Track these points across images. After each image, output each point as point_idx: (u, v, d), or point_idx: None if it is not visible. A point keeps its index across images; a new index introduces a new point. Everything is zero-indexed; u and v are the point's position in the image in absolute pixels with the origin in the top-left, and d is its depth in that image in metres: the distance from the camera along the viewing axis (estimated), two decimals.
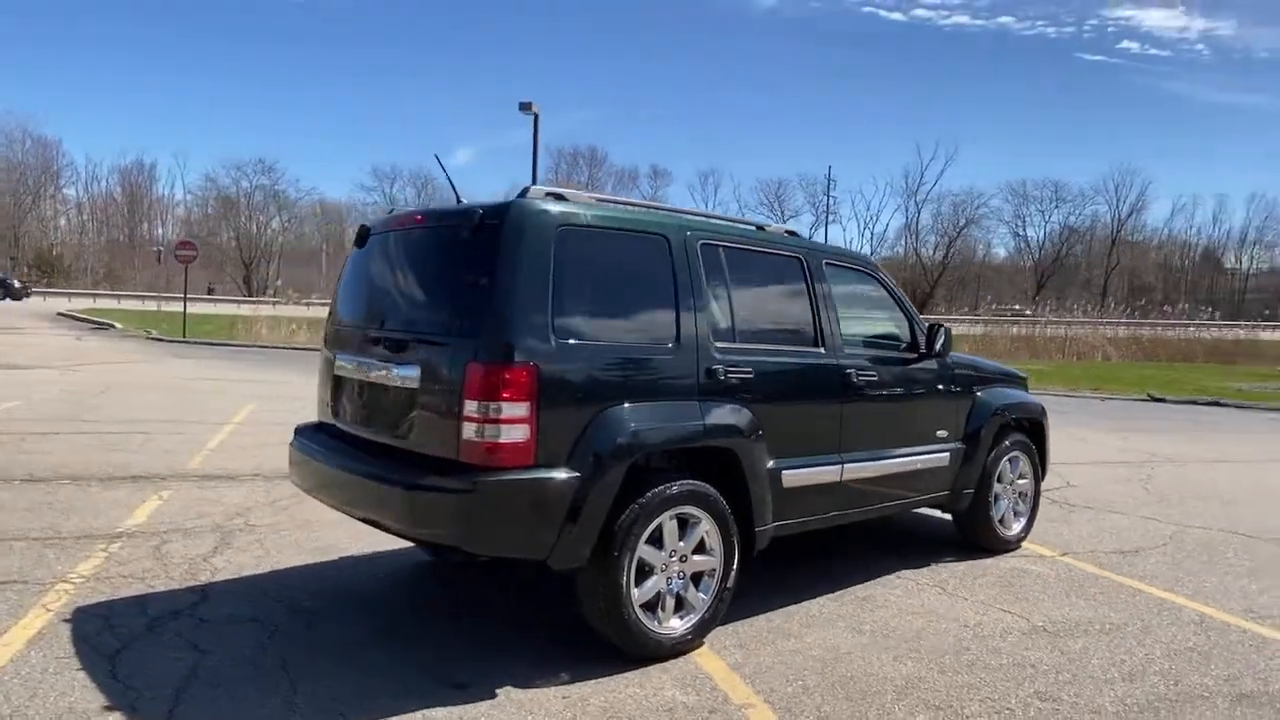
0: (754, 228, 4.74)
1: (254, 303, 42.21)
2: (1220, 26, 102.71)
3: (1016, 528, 5.91)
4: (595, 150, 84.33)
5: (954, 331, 5.48)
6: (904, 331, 5.27)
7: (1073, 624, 4.48)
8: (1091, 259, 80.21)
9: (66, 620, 4.07)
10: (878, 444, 4.85)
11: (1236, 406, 16.87)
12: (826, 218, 79.40)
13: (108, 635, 3.92)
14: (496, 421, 3.39)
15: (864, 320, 5.09)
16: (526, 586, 4.93)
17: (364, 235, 4.41)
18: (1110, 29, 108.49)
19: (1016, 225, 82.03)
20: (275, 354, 22.77)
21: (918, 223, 79.75)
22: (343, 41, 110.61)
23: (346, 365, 4.17)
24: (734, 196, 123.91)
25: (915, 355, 5.20)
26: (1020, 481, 5.92)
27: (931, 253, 77.23)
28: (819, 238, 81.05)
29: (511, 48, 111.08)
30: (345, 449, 4.05)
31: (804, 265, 4.67)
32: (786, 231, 4.89)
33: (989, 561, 5.61)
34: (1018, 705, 3.54)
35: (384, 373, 3.86)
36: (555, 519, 3.47)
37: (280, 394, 13.11)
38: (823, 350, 4.60)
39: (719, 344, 4.07)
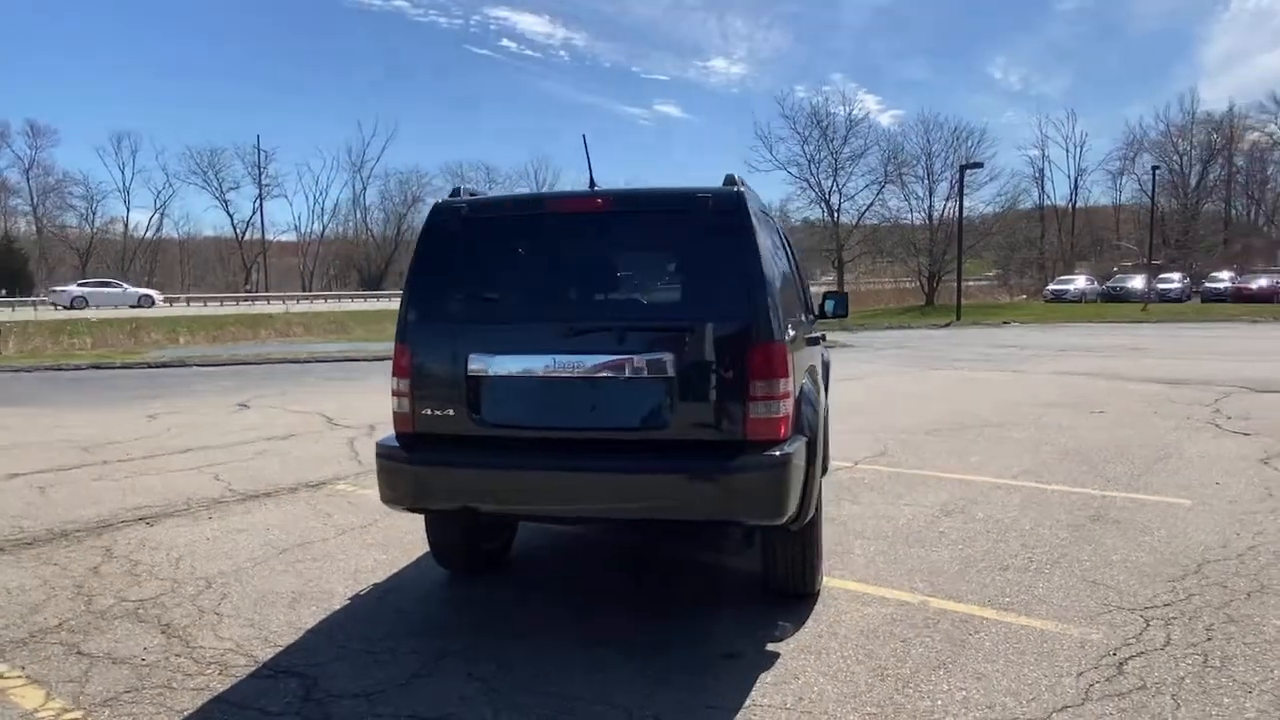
0: None
1: None
2: (576, 37, 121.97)
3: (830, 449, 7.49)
4: None
5: None
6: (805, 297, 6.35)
7: (953, 504, 6.14)
8: None
9: None
10: (822, 394, 5.89)
11: None
12: (260, 190, 74.70)
13: None
14: (775, 398, 3.59)
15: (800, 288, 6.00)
16: (582, 583, 4.89)
17: (469, 220, 3.88)
18: (493, 26, 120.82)
19: None
20: None
21: (365, 199, 79.89)
22: None
23: (518, 363, 3.71)
24: (158, 163, 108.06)
25: (813, 317, 6.33)
26: None
27: (382, 229, 78.09)
28: (261, 212, 75.92)
29: None
30: (546, 452, 3.66)
31: (785, 241, 5.43)
32: None
33: (829, 478, 7.07)
34: (1023, 550, 4.99)
35: (615, 365, 3.61)
36: (804, 480, 3.80)
37: None
38: (805, 316, 5.45)
39: (806, 315, 4.67)
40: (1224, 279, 47.47)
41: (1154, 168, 52.14)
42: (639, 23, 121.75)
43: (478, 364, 3.77)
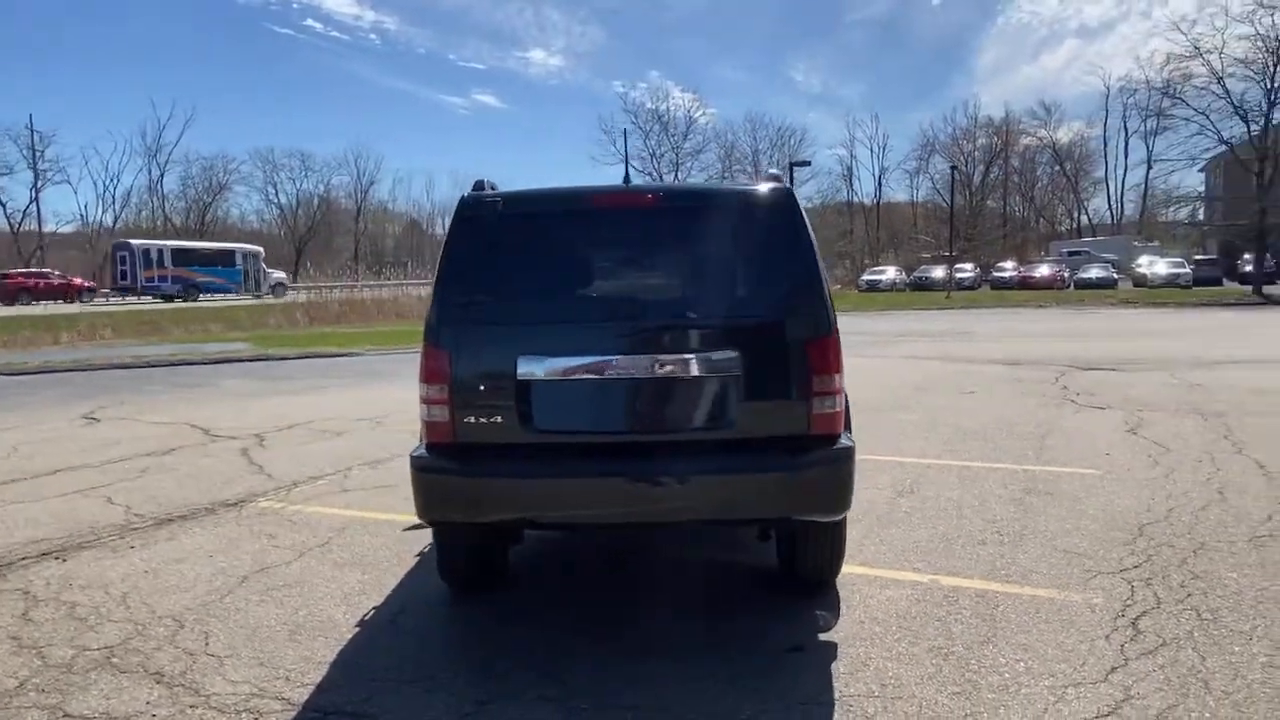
0: None
1: None
2: (386, 20, 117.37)
3: None
4: None
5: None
6: None
7: (900, 485, 6.47)
8: (339, 227, 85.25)
9: None
10: None
11: None
12: (37, 176, 66.77)
13: None
14: (834, 392, 3.65)
15: None
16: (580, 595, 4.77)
17: (508, 215, 3.65)
18: (295, 5, 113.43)
19: (269, 193, 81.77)
20: None
21: (163, 186, 73.14)
22: None
23: (574, 365, 3.54)
24: None
25: None
26: None
27: (185, 219, 71.72)
28: (38, 201, 67.95)
29: None
30: (608, 458, 3.54)
31: None
32: None
33: None
34: (988, 525, 5.35)
35: (680, 363, 3.52)
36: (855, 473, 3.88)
37: None
38: None
39: None
40: (1008, 268, 52.81)
41: (953, 168, 56.97)
42: (453, 9, 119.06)
43: (529, 367, 3.57)
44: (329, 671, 3.60)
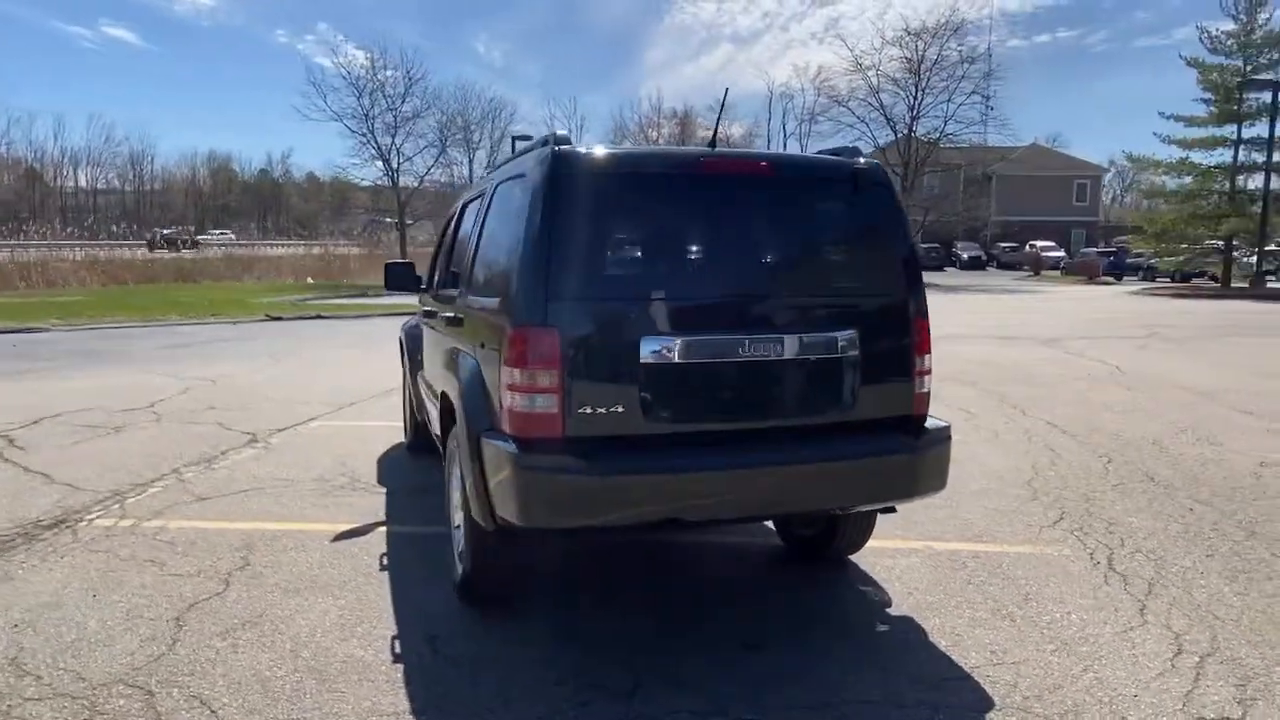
0: None
1: None
2: None
3: None
4: None
5: None
6: None
7: None
8: None
9: None
10: None
11: (337, 318, 19.77)
12: None
13: None
14: (929, 373, 3.69)
15: None
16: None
17: (612, 176, 3.17)
18: None
19: None
20: None
21: None
22: None
23: (705, 347, 3.19)
24: None
25: None
26: None
27: None
28: None
29: None
30: (746, 447, 3.26)
31: None
32: None
33: None
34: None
35: (814, 344, 3.32)
36: None
37: None
38: None
39: None
40: None
41: None
42: None
43: (654, 349, 3.15)
44: None
